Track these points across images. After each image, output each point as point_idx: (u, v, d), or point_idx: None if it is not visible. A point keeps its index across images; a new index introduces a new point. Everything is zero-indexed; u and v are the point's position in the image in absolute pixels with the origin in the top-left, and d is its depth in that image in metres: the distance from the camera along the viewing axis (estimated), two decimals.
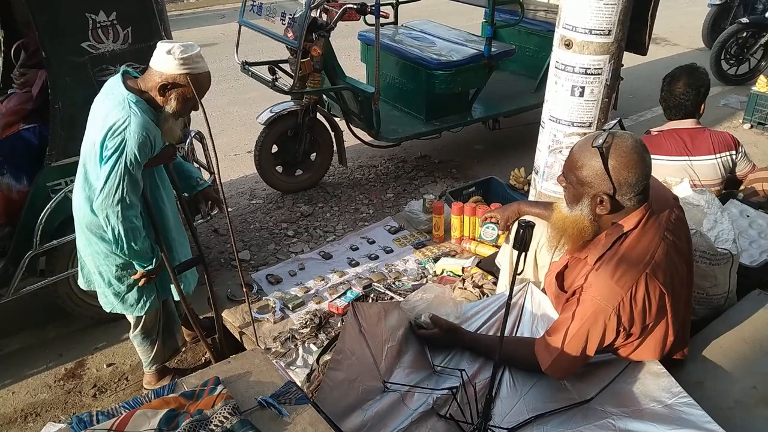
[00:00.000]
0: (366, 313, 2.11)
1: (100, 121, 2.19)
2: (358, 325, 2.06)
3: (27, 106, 3.19)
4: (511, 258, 2.54)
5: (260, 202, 4.55)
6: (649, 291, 1.75)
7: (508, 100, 5.12)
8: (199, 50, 2.24)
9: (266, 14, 4.35)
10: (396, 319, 2.20)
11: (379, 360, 2.05)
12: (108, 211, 2.17)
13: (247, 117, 5.60)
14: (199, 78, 2.23)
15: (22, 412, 2.85)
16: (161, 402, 1.53)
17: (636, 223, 1.79)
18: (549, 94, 2.59)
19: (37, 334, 3.30)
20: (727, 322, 2.24)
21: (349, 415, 1.87)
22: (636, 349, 1.89)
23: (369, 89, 4.26)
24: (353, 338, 2.03)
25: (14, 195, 3.01)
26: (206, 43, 8.18)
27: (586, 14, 2.32)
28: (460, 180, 4.75)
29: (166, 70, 2.17)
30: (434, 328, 2.15)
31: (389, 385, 1.99)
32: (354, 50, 5.60)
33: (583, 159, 1.76)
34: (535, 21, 5.37)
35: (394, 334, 2.15)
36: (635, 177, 1.72)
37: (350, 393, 1.93)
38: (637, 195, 1.76)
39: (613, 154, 1.72)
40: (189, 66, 2.18)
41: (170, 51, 2.16)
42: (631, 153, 1.72)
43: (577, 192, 1.80)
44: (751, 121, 5.67)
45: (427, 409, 1.93)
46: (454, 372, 2.07)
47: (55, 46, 2.68)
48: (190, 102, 2.26)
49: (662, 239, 1.80)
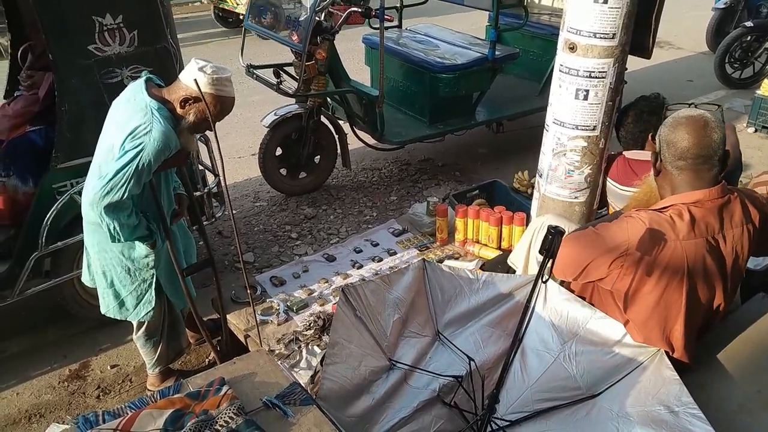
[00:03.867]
0: (360, 293, 2.08)
1: (120, 126, 2.20)
2: (352, 311, 2.04)
3: (34, 108, 3.21)
4: (527, 260, 2.53)
5: (264, 204, 4.56)
6: (675, 254, 1.77)
7: (512, 103, 5.12)
8: (230, 75, 2.28)
9: (271, 18, 4.37)
10: (403, 289, 2.17)
11: (383, 338, 2.04)
12: (101, 207, 2.16)
13: (251, 120, 5.61)
14: (223, 101, 2.27)
15: (27, 413, 2.86)
16: (167, 402, 1.54)
17: (696, 199, 1.82)
18: (553, 98, 2.60)
19: (41, 336, 3.31)
20: (731, 325, 2.23)
21: (355, 400, 1.87)
22: (641, 316, 1.88)
23: (373, 92, 4.27)
24: (347, 325, 2.02)
25: (20, 196, 3.03)
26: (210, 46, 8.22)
27: (591, 18, 2.32)
28: (464, 183, 4.75)
29: (193, 85, 2.20)
30: None
31: (395, 363, 1.99)
32: (358, 53, 5.61)
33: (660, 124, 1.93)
34: (539, 24, 5.37)
35: (401, 304, 2.14)
36: (684, 142, 1.81)
37: (355, 379, 1.92)
38: (685, 159, 1.82)
39: (671, 118, 1.88)
40: (217, 87, 2.22)
41: (203, 68, 2.20)
42: (689, 118, 1.84)
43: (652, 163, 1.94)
44: (756, 125, 5.66)
45: (432, 396, 1.93)
46: (457, 351, 2.06)
47: (61, 48, 2.70)
48: (207, 121, 2.28)
49: (704, 238, 1.81)
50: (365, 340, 2.01)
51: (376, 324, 2.06)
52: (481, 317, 2.21)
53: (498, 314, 2.22)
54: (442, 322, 2.21)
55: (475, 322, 2.20)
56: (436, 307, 2.22)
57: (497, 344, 2.16)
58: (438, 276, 2.24)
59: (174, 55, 3.03)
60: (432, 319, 2.20)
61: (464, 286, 2.23)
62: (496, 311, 2.21)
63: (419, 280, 2.21)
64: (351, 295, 2.05)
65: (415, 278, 2.21)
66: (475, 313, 2.22)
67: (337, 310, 2.05)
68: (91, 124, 2.44)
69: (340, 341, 1.99)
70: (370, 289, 2.12)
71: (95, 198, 2.15)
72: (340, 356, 1.96)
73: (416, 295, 2.20)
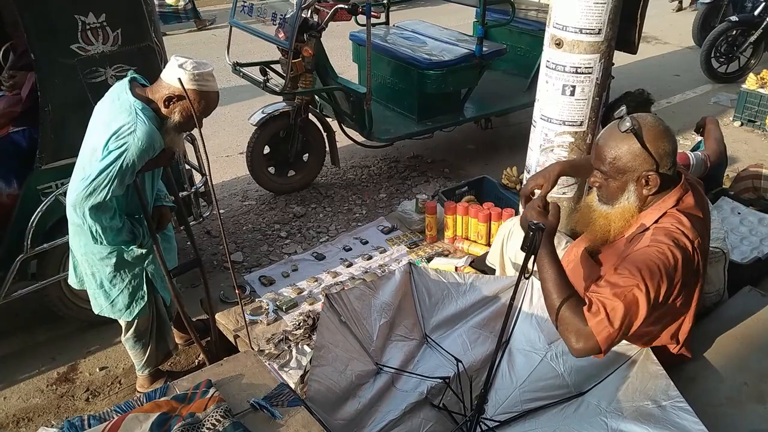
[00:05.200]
0: (344, 299, 2.08)
1: (104, 127, 2.17)
2: (336, 316, 2.04)
3: (16, 109, 3.17)
4: (502, 260, 2.54)
5: (253, 203, 4.54)
6: (694, 259, 1.75)
7: (500, 99, 5.13)
8: (212, 69, 2.25)
9: (257, 15, 4.35)
10: (390, 293, 2.17)
11: (369, 342, 2.04)
12: (84, 208, 2.13)
13: (238, 118, 5.58)
14: (206, 96, 2.24)
15: (14, 417, 2.83)
16: (153, 405, 1.53)
17: (676, 200, 1.80)
18: (540, 93, 2.60)
19: (28, 338, 3.27)
20: (718, 319, 2.26)
21: (343, 404, 1.87)
22: (661, 325, 1.87)
23: (361, 89, 4.26)
24: (333, 330, 2.02)
25: (4, 199, 2.99)
26: (197, 44, 8.16)
27: (577, 13, 2.32)
28: (453, 179, 4.75)
29: (176, 83, 2.17)
30: (548, 215, 1.76)
31: (382, 368, 1.99)
32: (346, 50, 5.59)
33: (616, 148, 1.75)
34: (526, 20, 5.39)
35: (388, 308, 2.13)
36: (670, 145, 1.76)
37: (341, 382, 1.93)
38: (673, 164, 1.78)
39: (644, 131, 1.73)
40: (199, 83, 2.19)
41: (183, 65, 2.16)
42: (658, 125, 1.76)
43: (619, 183, 1.78)
44: (741, 119, 5.71)
45: (420, 399, 1.93)
46: (444, 354, 2.06)
47: (44, 48, 2.66)
48: (192, 118, 2.25)
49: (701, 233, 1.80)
50: (351, 345, 2.02)
51: (361, 329, 2.07)
52: (468, 319, 2.22)
53: (485, 315, 2.23)
54: (430, 325, 2.22)
55: (462, 324, 2.21)
56: (424, 311, 2.23)
57: (484, 345, 2.16)
58: (425, 279, 2.24)
59: (159, 53, 3.00)
60: (419, 323, 2.21)
61: (451, 289, 2.24)
62: (483, 313, 2.22)
63: (406, 283, 2.22)
64: (335, 301, 2.06)
65: (401, 282, 2.21)
66: (463, 316, 2.23)
67: (321, 316, 2.05)
68: (75, 125, 2.41)
69: (326, 345, 1.99)
70: (355, 295, 2.12)
71: (77, 199, 2.13)
72: (326, 359, 1.95)
73: (403, 299, 2.21)
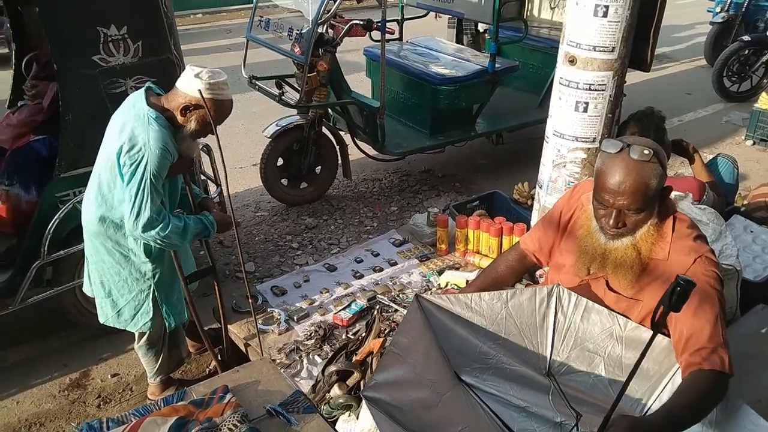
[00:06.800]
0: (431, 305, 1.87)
1: (117, 134, 2.23)
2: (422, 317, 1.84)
3: (38, 118, 3.23)
4: None
5: (265, 214, 4.58)
6: None
7: (512, 115, 5.16)
8: (226, 78, 2.31)
9: (273, 29, 4.41)
10: None
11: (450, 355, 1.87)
12: (139, 230, 2.19)
13: (253, 130, 5.64)
14: (221, 104, 2.29)
15: (27, 422, 2.85)
16: (171, 410, 1.55)
17: None
18: (553, 110, 2.62)
19: (41, 344, 3.30)
20: (731, 336, 2.23)
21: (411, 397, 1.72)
22: None
23: (374, 104, 4.31)
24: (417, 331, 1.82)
25: (23, 205, 3.04)
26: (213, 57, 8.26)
27: (590, 32, 2.35)
28: (464, 194, 4.77)
29: (192, 92, 2.23)
30: None
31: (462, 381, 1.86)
32: (360, 65, 5.66)
33: (644, 177, 1.67)
34: (538, 38, 5.43)
35: None
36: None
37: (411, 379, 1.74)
38: None
39: None
40: (214, 91, 2.25)
41: (198, 74, 2.22)
42: (648, 138, 1.84)
43: (648, 208, 1.73)
44: (753, 138, 5.71)
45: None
46: None
47: (66, 58, 2.73)
48: (209, 126, 2.31)
49: None
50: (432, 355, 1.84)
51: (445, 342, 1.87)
52: None
53: None
54: None
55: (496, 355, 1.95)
56: None
57: None
58: None
59: (177, 65, 3.05)
60: None
61: None
62: None
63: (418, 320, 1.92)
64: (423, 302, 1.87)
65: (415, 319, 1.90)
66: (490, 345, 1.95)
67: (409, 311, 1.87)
68: (94, 134, 2.46)
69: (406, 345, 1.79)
70: None
71: (131, 228, 2.19)
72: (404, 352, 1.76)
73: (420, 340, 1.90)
